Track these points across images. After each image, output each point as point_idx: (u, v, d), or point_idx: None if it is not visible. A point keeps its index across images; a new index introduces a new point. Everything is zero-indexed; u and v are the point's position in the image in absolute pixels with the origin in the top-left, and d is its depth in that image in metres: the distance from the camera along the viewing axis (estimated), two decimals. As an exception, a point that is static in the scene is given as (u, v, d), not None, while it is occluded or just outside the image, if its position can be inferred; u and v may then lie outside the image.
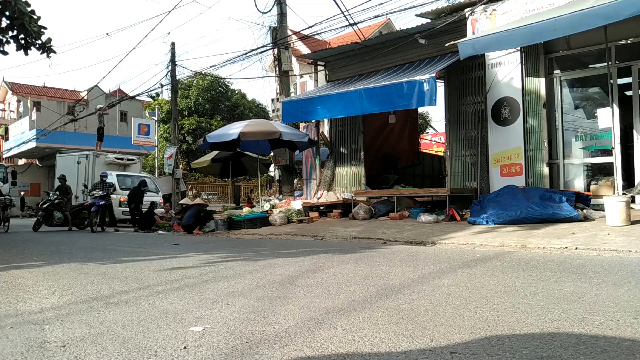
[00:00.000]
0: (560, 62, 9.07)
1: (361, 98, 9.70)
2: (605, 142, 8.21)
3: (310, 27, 12.88)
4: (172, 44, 16.62)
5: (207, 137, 12.72)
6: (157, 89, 18.02)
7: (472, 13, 9.29)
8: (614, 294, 3.18)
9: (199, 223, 11.25)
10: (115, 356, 2.22)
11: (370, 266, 4.77)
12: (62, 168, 19.82)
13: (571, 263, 4.57)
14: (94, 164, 18.16)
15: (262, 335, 2.47)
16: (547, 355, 2.04)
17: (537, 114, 8.89)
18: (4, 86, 38.18)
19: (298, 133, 12.60)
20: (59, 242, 9.53)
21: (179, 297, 3.52)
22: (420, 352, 2.13)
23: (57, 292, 3.85)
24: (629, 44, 8.05)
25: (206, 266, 5.25)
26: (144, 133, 24.56)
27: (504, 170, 9.15)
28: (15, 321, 2.93)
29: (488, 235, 6.77)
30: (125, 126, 34.24)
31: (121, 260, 6.04)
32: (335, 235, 8.26)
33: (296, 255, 6.01)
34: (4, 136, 36.43)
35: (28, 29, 8.07)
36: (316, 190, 12.62)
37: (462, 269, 4.45)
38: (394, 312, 2.84)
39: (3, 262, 6.12)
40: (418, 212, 9.29)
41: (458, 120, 10.14)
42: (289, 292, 3.59)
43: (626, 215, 6.63)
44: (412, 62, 10.66)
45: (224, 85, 31.11)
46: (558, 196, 7.61)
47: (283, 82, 13.69)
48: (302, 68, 23.50)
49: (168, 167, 16.73)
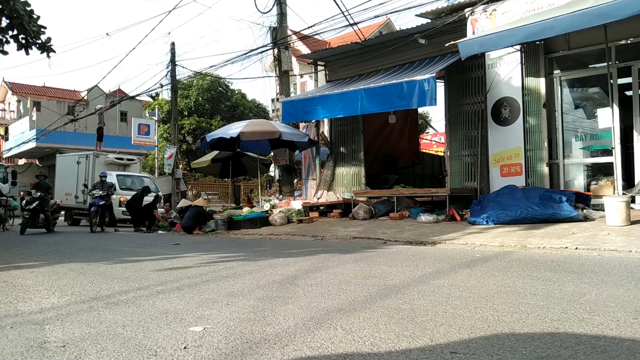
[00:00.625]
0: (560, 62, 9.07)
1: (361, 98, 9.70)
2: (605, 142, 8.21)
3: (310, 27, 12.88)
4: (172, 44, 16.63)
5: (207, 137, 12.72)
6: (157, 89, 18.03)
7: (472, 13, 9.29)
8: (614, 294, 3.18)
9: (199, 223, 11.26)
10: (115, 356, 2.22)
11: (370, 266, 4.77)
12: (62, 168, 19.74)
13: (571, 263, 4.56)
14: (94, 164, 18.06)
15: (262, 335, 2.47)
16: (547, 355, 2.04)
17: (537, 114, 8.90)
18: (4, 86, 38.18)
19: (298, 133, 12.60)
20: (59, 242, 9.53)
21: (179, 297, 3.52)
22: (420, 352, 2.13)
23: (57, 292, 3.85)
24: (629, 44, 8.05)
25: (206, 266, 5.25)
26: (144, 133, 24.56)
27: (504, 170, 9.15)
28: (15, 321, 2.93)
29: (488, 235, 6.77)
30: (125, 126, 34.23)
31: (121, 260, 6.04)
32: (335, 235, 8.26)
33: (296, 255, 6.00)
34: (4, 136, 36.43)
35: (27, 28, 8.07)
36: (316, 190, 12.62)
37: (462, 269, 4.44)
38: (394, 312, 2.84)
39: (3, 262, 6.12)
40: (418, 212, 9.29)
41: (458, 120, 10.14)
42: (289, 292, 3.59)
43: (626, 215, 6.63)
44: (412, 62, 10.66)
45: (224, 85, 31.09)
46: (558, 196, 7.61)
47: (283, 82, 13.69)
48: (302, 68, 23.50)
49: (168, 167, 16.73)
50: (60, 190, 19.07)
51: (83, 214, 17.41)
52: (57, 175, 20.11)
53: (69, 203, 18.46)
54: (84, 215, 17.18)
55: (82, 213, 17.50)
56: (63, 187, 18.96)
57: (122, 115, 35.70)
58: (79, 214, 18.12)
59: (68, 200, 18.45)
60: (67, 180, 18.80)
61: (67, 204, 18.54)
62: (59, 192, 19.17)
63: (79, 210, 17.95)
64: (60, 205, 14.66)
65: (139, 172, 19.94)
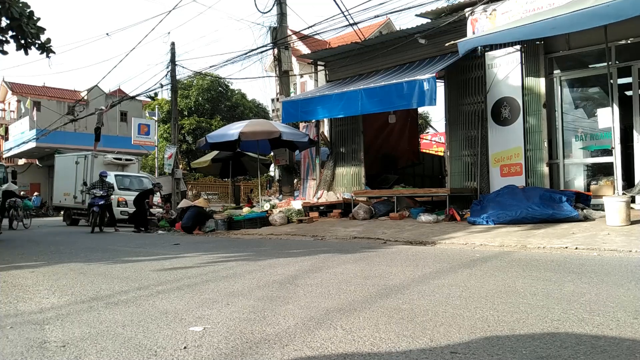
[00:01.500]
0: (560, 62, 9.07)
1: (361, 98, 9.70)
2: (605, 142, 8.21)
3: (310, 27, 12.88)
4: (172, 44, 16.61)
5: (208, 137, 12.72)
6: (157, 89, 18.01)
7: (472, 13, 9.29)
8: (614, 294, 3.18)
9: (199, 223, 11.26)
10: (115, 356, 2.22)
11: (370, 266, 4.77)
12: (61, 168, 19.88)
13: (571, 263, 4.56)
14: (92, 164, 18.18)
15: (262, 335, 2.47)
16: (547, 355, 2.04)
17: (537, 114, 8.90)
18: (4, 86, 38.16)
19: (298, 133, 12.60)
20: (59, 242, 9.54)
21: (179, 297, 3.52)
22: (420, 352, 2.13)
23: (57, 292, 3.85)
24: (629, 44, 8.05)
25: (206, 266, 5.25)
26: (144, 133, 24.57)
27: (504, 170, 9.15)
28: (15, 321, 2.93)
29: (488, 235, 6.77)
30: (125, 126, 34.23)
31: (121, 260, 6.04)
32: (335, 235, 8.26)
33: (296, 255, 6.00)
34: (4, 136, 36.44)
35: (25, 30, 8.07)
36: (316, 190, 12.62)
37: (462, 269, 4.45)
38: (394, 312, 2.84)
39: (3, 262, 6.12)
40: (418, 212, 9.29)
41: (458, 120, 10.14)
42: (289, 292, 3.59)
43: (626, 215, 6.63)
44: (412, 62, 10.66)
45: (224, 85, 31.09)
46: (558, 196, 7.61)
47: (283, 82, 13.69)
48: (302, 68, 23.50)
49: (168, 167, 16.73)
50: (59, 190, 19.26)
51: (82, 213, 17.53)
52: (56, 176, 20.30)
53: (67, 203, 18.63)
54: (83, 215, 17.35)
55: (81, 213, 17.62)
56: (62, 187, 19.11)
57: (122, 115, 35.69)
58: (77, 213, 18.24)
59: (67, 200, 18.62)
60: (66, 180, 18.93)
61: (66, 204, 18.73)
62: (58, 192, 19.41)
63: (78, 210, 18.06)
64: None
65: (137, 172, 20.00)
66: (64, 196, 18.77)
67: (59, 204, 19.63)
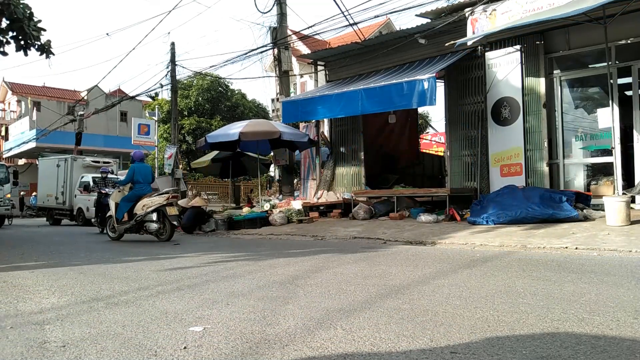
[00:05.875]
0: (560, 62, 9.07)
1: (361, 98, 9.70)
2: (605, 142, 8.20)
3: (310, 27, 12.88)
4: (172, 44, 16.61)
5: (208, 137, 12.71)
6: (157, 89, 18.02)
7: (472, 13, 9.29)
8: (614, 294, 3.18)
9: (199, 223, 11.25)
10: (115, 356, 2.22)
11: (371, 266, 4.77)
12: (43, 170, 20.72)
13: (571, 263, 4.57)
14: (71, 167, 18.92)
15: (262, 335, 2.47)
16: (547, 355, 2.04)
17: (537, 114, 8.89)
18: (4, 86, 38.16)
19: (298, 133, 12.59)
20: (59, 242, 9.54)
21: (179, 297, 3.52)
22: (420, 352, 2.13)
23: (57, 292, 3.85)
24: (629, 44, 8.05)
25: (206, 266, 5.25)
26: (144, 133, 24.57)
27: (504, 170, 9.14)
28: (15, 321, 2.93)
29: (488, 235, 6.77)
30: (125, 126, 34.23)
31: (121, 260, 6.04)
32: (335, 235, 8.26)
33: (296, 255, 6.00)
34: (4, 136, 36.44)
35: (27, 32, 8.08)
36: (316, 190, 12.62)
37: (462, 269, 4.45)
38: (394, 312, 2.84)
39: (3, 262, 6.11)
40: (418, 212, 9.29)
41: (458, 120, 10.14)
42: (289, 292, 3.59)
43: (626, 215, 6.63)
44: (412, 62, 10.66)
45: (224, 85, 31.05)
46: (558, 196, 7.61)
47: (283, 82, 13.68)
48: (302, 68, 23.50)
49: (168, 167, 16.73)
50: (43, 192, 20.09)
51: (63, 213, 18.73)
52: (39, 177, 20.97)
53: (50, 204, 19.41)
54: (64, 215, 18.63)
55: (62, 213, 18.75)
56: (45, 189, 19.88)
57: (122, 115, 35.70)
58: (59, 213, 19.09)
59: (49, 200, 19.39)
60: (49, 182, 19.67)
61: (48, 205, 19.51)
62: (42, 194, 20.27)
63: (59, 210, 18.94)
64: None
65: (115, 174, 20.30)
66: (47, 197, 19.50)
67: (42, 204, 20.31)
